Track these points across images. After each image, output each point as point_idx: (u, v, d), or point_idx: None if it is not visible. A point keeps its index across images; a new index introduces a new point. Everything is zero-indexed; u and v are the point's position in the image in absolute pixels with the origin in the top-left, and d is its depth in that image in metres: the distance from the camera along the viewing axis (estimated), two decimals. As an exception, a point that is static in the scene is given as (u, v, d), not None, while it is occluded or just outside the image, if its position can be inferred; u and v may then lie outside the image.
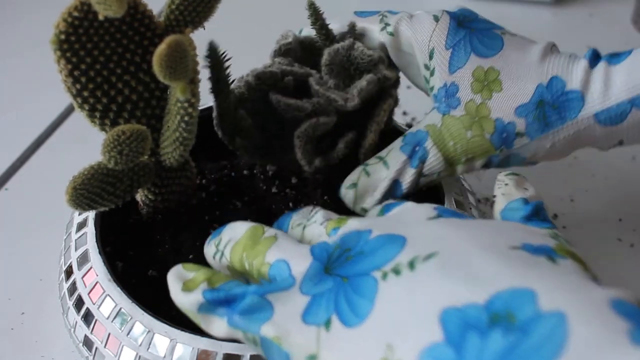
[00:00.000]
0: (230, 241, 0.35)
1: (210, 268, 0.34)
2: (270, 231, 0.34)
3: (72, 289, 0.40)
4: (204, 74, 0.38)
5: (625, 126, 0.38)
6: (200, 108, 0.47)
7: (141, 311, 0.36)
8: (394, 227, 0.32)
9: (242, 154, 0.43)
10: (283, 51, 0.43)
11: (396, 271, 0.28)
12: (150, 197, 0.41)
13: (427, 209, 0.33)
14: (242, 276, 0.34)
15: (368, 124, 0.43)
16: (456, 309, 0.25)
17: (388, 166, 0.41)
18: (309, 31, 0.45)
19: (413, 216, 0.33)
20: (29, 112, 0.68)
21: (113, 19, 0.35)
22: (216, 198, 0.45)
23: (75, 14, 0.34)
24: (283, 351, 0.30)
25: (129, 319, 0.36)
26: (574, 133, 0.39)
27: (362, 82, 0.41)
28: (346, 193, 0.41)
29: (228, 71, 0.40)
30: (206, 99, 0.43)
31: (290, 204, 0.44)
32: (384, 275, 0.29)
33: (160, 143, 0.39)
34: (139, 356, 0.36)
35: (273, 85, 0.41)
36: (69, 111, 0.68)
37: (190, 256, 0.41)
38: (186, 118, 0.36)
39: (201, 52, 0.36)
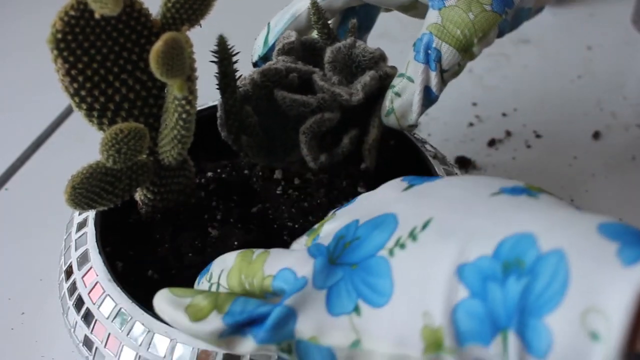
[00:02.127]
0: (223, 271, 0.35)
1: (199, 289, 0.34)
2: (259, 250, 0.35)
3: (72, 289, 0.40)
4: (202, 72, 0.38)
5: None
6: (199, 108, 0.47)
7: (141, 311, 0.36)
8: (376, 210, 0.33)
9: (246, 153, 0.43)
10: (286, 50, 0.44)
11: (401, 245, 0.30)
12: (149, 196, 0.41)
13: (396, 185, 0.35)
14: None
15: (370, 120, 0.43)
16: (470, 265, 0.27)
17: (412, 79, 0.42)
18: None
19: (388, 196, 0.34)
20: (29, 112, 0.68)
21: (109, 17, 0.35)
22: (215, 197, 0.45)
23: (72, 12, 0.34)
24: (323, 348, 0.31)
25: (129, 319, 0.36)
26: None
27: (366, 78, 0.42)
28: (388, 120, 0.43)
29: (235, 66, 0.40)
30: (205, 99, 0.43)
31: (292, 204, 0.44)
32: (391, 252, 0.30)
33: (159, 142, 0.39)
34: (139, 356, 0.36)
35: (278, 82, 0.41)
36: (68, 111, 0.68)
37: (190, 255, 0.41)
38: (184, 116, 0.36)
39: (198, 49, 0.36)
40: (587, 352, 0.24)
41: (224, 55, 0.39)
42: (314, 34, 0.45)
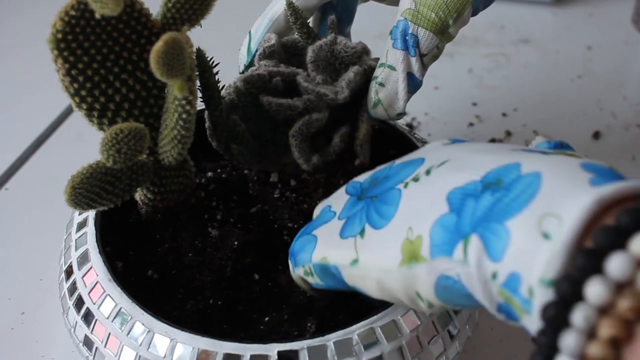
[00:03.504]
0: None
1: None
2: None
3: (72, 288, 0.40)
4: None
5: None
6: (199, 108, 0.47)
7: (141, 311, 0.36)
8: (413, 154, 0.36)
9: (239, 161, 0.43)
10: (267, 54, 0.43)
11: (415, 179, 0.33)
12: (149, 196, 0.41)
13: (441, 141, 0.37)
14: None
15: (359, 115, 0.43)
16: (459, 188, 0.29)
17: (394, 67, 0.42)
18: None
19: (429, 146, 0.37)
20: (29, 112, 0.68)
21: (110, 17, 0.35)
22: (215, 197, 0.45)
23: (72, 12, 0.34)
24: (331, 265, 0.35)
25: (129, 318, 0.36)
26: None
27: (349, 74, 0.41)
28: (375, 112, 0.43)
29: (217, 77, 0.40)
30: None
31: (291, 206, 0.44)
32: (406, 185, 0.33)
33: (159, 142, 0.39)
34: (139, 356, 0.36)
35: (262, 88, 0.41)
36: (68, 111, 0.68)
37: (190, 255, 0.41)
38: (184, 116, 0.36)
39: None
40: (537, 250, 0.24)
41: (204, 68, 0.39)
42: (295, 35, 0.45)
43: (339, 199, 0.38)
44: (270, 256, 0.42)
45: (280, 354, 0.34)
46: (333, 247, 0.35)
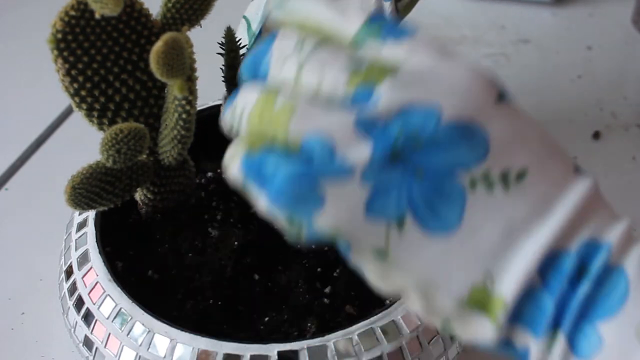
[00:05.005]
0: (245, 109, 0.28)
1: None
2: (282, 98, 0.27)
3: (72, 289, 0.40)
4: (203, 72, 0.38)
5: None
6: (199, 108, 0.47)
7: (141, 311, 0.36)
8: (465, 107, 0.27)
9: None
10: None
11: (489, 184, 0.26)
12: (149, 196, 0.41)
13: (490, 84, 0.28)
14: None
15: None
16: (550, 260, 0.26)
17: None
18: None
19: (479, 95, 0.27)
20: (29, 112, 0.68)
21: (110, 17, 0.35)
22: (215, 197, 0.45)
23: (72, 12, 0.34)
24: (341, 240, 0.27)
25: (129, 319, 0.36)
26: None
27: None
28: None
29: (241, 59, 0.40)
30: (205, 99, 0.43)
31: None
32: (473, 184, 0.26)
33: (159, 142, 0.39)
34: (139, 356, 0.36)
35: None
36: (68, 111, 0.67)
37: (190, 255, 0.41)
38: (184, 116, 0.36)
39: (198, 50, 0.36)
40: (637, 357, 0.25)
41: (231, 47, 0.39)
42: None
43: (345, 134, 0.26)
44: (270, 256, 0.42)
45: (280, 354, 0.34)
46: (356, 222, 0.26)
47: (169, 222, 0.42)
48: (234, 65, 0.39)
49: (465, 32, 0.47)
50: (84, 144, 0.58)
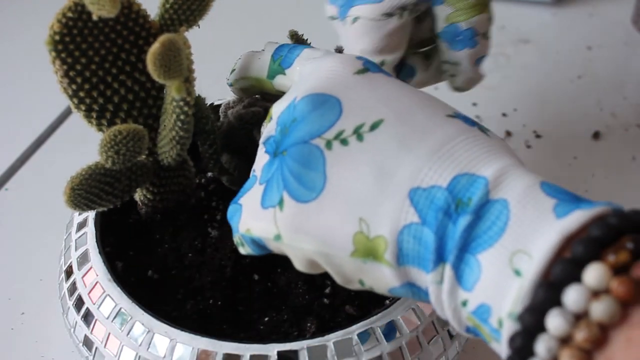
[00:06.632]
0: None
1: None
2: None
3: (72, 289, 0.40)
4: (202, 72, 0.38)
5: None
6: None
7: (141, 311, 0.36)
8: (318, 83, 0.31)
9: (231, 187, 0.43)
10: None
11: (342, 141, 0.29)
12: (149, 196, 0.41)
13: (349, 62, 0.32)
14: None
15: None
16: (423, 190, 0.28)
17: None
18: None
19: (336, 73, 0.32)
20: (29, 112, 0.68)
21: (107, 19, 0.35)
22: (215, 197, 0.45)
23: (69, 14, 0.34)
24: (256, 237, 0.32)
25: (129, 319, 0.36)
26: None
27: None
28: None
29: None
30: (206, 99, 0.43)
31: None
32: (328, 145, 0.29)
33: (158, 142, 0.39)
34: (139, 356, 0.36)
35: (256, 123, 0.41)
36: (69, 111, 0.67)
37: (190, 255, 0.41)
38: (182, 117, 0.36)
39: (196, 50, 0.36)
40: (508, 285, 0.25)
41: (202, 114, 0.39)
42: None
43: (260, 159, 0.33)
44: (269, 256, 0.42)
45: (280, 354, 0.34)
46: (255, 218, 0.31)
47: (168, 222, 0.42)
48: (205, 130, 0.40)
49: (465, 32, 0.47)
50: (84, 144, 0.58)
